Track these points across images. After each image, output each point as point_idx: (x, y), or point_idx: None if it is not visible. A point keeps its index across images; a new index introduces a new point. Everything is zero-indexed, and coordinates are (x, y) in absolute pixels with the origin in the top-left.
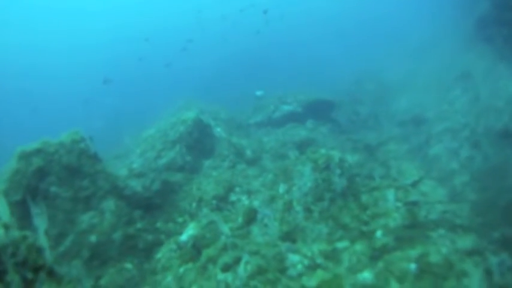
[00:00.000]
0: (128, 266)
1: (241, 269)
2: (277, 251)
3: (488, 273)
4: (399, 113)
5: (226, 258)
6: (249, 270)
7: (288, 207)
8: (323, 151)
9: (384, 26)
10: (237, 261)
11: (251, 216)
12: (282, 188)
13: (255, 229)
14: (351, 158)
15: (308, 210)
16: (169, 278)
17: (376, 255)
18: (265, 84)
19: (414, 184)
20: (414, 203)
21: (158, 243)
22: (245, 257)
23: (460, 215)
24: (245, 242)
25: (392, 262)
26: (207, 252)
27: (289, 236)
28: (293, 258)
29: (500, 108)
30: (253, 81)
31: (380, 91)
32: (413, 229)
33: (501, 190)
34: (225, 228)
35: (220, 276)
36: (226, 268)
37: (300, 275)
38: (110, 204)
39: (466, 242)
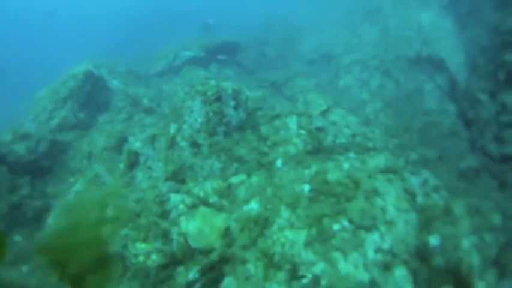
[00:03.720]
0: (17, 238)
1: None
2: (157, 193)
3: (409, 194)
4: (308, 53)
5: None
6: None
7: (171, 143)
8: (213, 82)
9: None
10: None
11: (132, 160)
12: (173, 128)
13: (139, 174)
14: (255, 94)
15: (195, 145)
16: None
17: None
18: (175, 37)
19: (322, 114)
20: (319, 129)
21: (48, 208)
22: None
23: (372, 138)
24: (129, 189)
25: (282, 186)
26: None
27: (176, 176)
28: (175, 198)
29: (411, 36)
30: (163, 36)
31: (288, 33)
32: (318, 154)
33: (416, 113)
34: (109, 179)
35: None
36: None
37: (180, 216)
38: None
39: (378, 160)
